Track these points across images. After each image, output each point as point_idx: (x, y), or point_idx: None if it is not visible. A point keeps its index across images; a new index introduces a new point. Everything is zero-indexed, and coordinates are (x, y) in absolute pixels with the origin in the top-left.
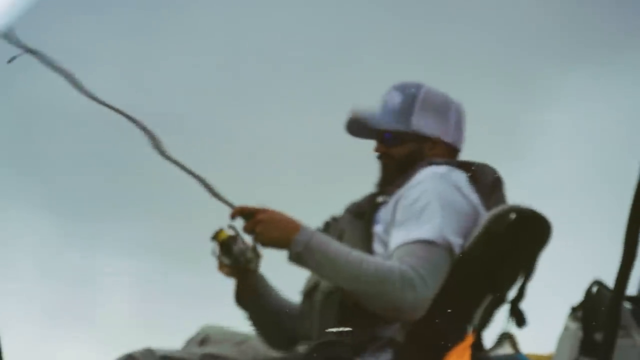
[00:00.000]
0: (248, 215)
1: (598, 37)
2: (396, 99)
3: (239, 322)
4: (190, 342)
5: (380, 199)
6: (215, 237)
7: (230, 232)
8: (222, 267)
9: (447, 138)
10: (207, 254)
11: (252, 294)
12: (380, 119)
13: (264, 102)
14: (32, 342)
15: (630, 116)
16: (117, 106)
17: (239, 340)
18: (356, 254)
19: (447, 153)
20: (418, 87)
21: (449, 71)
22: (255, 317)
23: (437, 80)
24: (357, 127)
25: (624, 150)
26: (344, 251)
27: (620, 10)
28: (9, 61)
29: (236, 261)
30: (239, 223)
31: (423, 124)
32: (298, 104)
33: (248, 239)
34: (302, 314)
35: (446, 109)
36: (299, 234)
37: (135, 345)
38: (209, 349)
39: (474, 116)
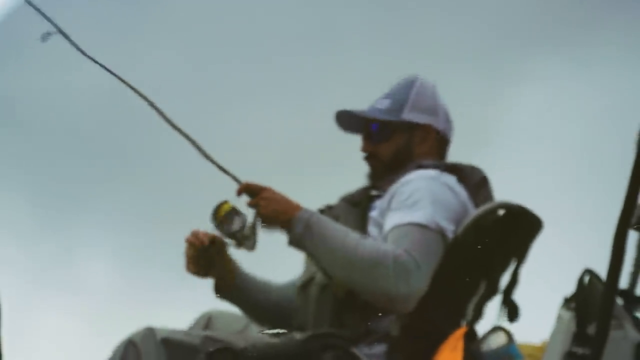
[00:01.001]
0: (253, 192)
1: (571, 16)
2: (387, 98)
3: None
4: (194, 326)
5: (374, 192)
6: (220, 207)
7: (231, 206)
8: (190, 266)
9: (438, 126)
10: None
11: (232, 289)
12: (369, 112)
13: (244, 97)
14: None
15: (608, 97)
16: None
17: (242, 327)
18: (353, 237)
19: (438, 145)
20: (408, 88)
21: (416, 54)
22: (238, 305)
23: (404, 65)
24: (347, 118)
25: (601, 134)
26: (341, 234)
27: None
28: (42, 39)
29: (233, 236)
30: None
31: (414, 116)
32: (279, 99)
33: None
34: (296, 307)
35: (435, 108)
36: (300, 212)
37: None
38: (210, 333)
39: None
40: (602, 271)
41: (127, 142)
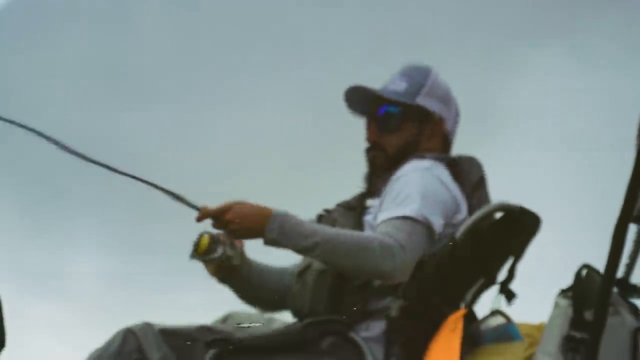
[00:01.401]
0: (214, 216)
1: (571, 5)
2: (403, 81)
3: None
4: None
5: (369, 202)
6: (198, 245)
7: (208, 237)
8: (212, 271)
9: (448, 123)
10: (173, 246)
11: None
12: (385, 92)
13: (242, 95)
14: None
15: (609, 89)
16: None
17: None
18: (332, 229)
19: (443, 143)
20: (425, 73)
21: (416, 44)
22: (234, 288)
23: (405, 54)
24: (356, 96)
25: (602, 127)
26: (319, 228)
27: None
28: None
29: (219, 260)
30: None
31: (428, 102)
32: (276, 97)
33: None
34: (294, 292)
35: (449, 99)
36: (270, 222)
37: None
38: (207, 324)
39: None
40: (599, 263)
41: (121, 139)
